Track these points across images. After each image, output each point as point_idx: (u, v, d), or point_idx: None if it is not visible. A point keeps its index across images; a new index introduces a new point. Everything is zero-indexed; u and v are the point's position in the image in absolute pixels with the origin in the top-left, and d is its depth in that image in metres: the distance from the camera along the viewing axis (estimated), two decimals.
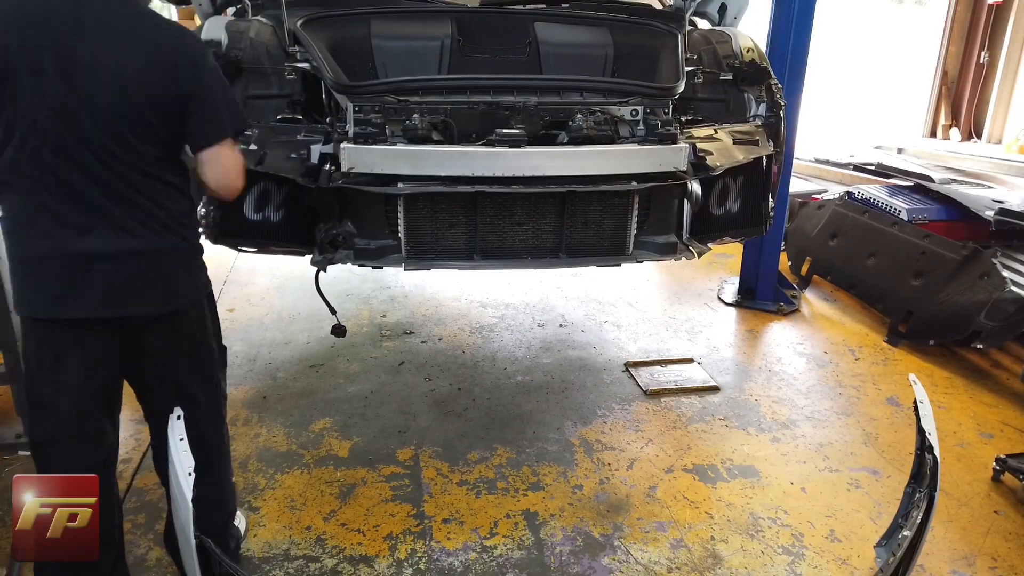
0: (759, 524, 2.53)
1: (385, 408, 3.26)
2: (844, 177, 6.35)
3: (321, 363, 3.68)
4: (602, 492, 2.70)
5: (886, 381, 3.62)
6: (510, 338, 4.04)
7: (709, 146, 2.72)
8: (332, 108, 2.72)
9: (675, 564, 2.33)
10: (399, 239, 2.68)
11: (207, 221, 2.53)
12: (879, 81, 10.37)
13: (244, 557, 2.31)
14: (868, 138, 8.19)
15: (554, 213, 2.72)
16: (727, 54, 3.11)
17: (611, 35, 3.21)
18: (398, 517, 2.53)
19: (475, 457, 2.89)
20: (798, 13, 4.08)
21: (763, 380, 3.61)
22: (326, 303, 2.93)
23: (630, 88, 2.76)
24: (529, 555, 2.36)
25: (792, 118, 3.98)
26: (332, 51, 2.74)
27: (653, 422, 3.19)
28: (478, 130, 2.56)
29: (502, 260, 2.81)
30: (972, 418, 3.28)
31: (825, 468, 2.88)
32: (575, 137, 2.57)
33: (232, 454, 2.86)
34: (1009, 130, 8.66)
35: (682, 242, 2.90)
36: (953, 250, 4.00)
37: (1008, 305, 3.48)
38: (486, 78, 2.78)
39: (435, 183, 2.50)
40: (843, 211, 4.95)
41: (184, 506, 1.54)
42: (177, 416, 1.67)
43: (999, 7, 8.69)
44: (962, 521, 2.57)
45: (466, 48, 3.08)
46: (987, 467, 2.83)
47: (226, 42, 2.61)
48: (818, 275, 4.96)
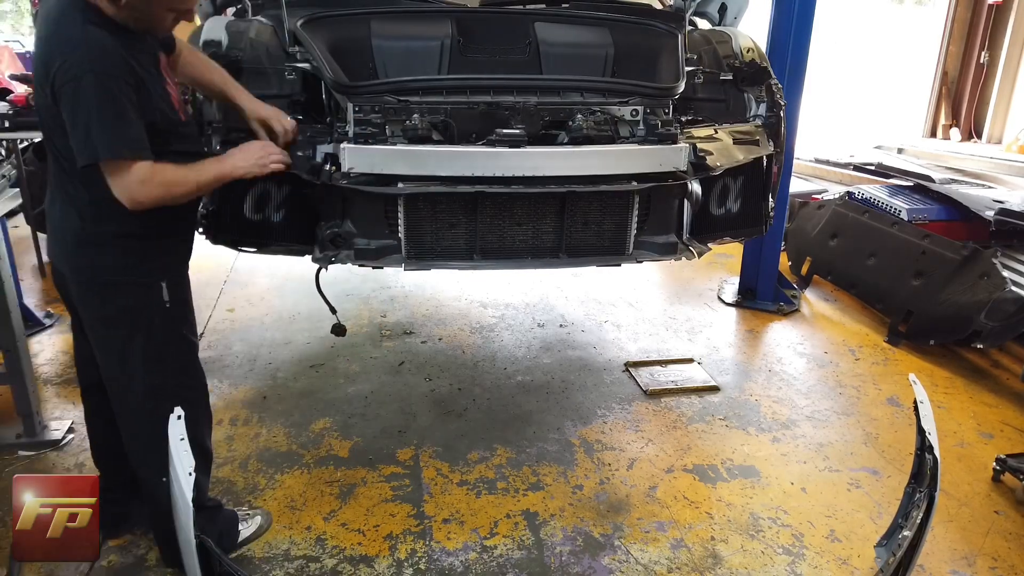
0: (759, 524, 2.53)
1: (385, 408, 3.26)
2: (844, 177, 6.35)
3: (321, 363, 3.68)
4: (602, 492, 2.70)
5: (886, 381, 3.62)
6: (510, 338, 4.04)
7: (709, 146, 2.71)
8: (332, 108, 2.72)
9: (675, 564, 2.33)
10: (399, 239, 2.68)
11: (207, 221, 2.53)
12: (879, 81, 10.38)
13: (244, 557, 2.32)
14: (868, 138, 8.19)
15: (554, 213, 2.72)
16: (727, 54, 3.11)
17: (611, 35, 3.21)
18: (398, 517, 2.53)
19: (475, 457, 2.89)
20: (798, 13, 4.08)
21: (763, 380, 3.61)
22: (326, 302, 2.93)
23: (630, 88, 2.76)
24: (529, 555, 2.36)
25: (792, 118, 3.98)
26: (332, 51, 2.74)
27: (653, 422, 3.19)
28: (478, 130, 2.56)
29: (502, 260, 2.80)
30: (972, 418, 3.28)
31: (825, 468, 2.88)
32: (575, 137, 2.57)
33: (232, 454, 2.88)
34: (1009, 130, 8.67)
35: (682, 242, 2.90)
36: (953, 250, 4.00)
37: (1008, 305, 3.48)
38: (486, 78, 2.78)
39: (435, 183, 2.50)
40: (843, 211, 4.95)
41: (184, 506, 1.54)
42: (178, 416, 1.67)
43: (999, 7, 8.70)
44: (962, 521, 2.57)
45: (466, 48, 3.07)
46: (987, 467, 2.83)
47: (226, 42, 2.61)
48: (818, 275, 4.96)
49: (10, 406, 2.92)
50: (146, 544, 2.35)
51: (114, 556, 2.30)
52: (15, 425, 2.92)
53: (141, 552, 2.32)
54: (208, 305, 4.40)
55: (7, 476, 2.62)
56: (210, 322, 4.17)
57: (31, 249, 4.87)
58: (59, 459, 2.83)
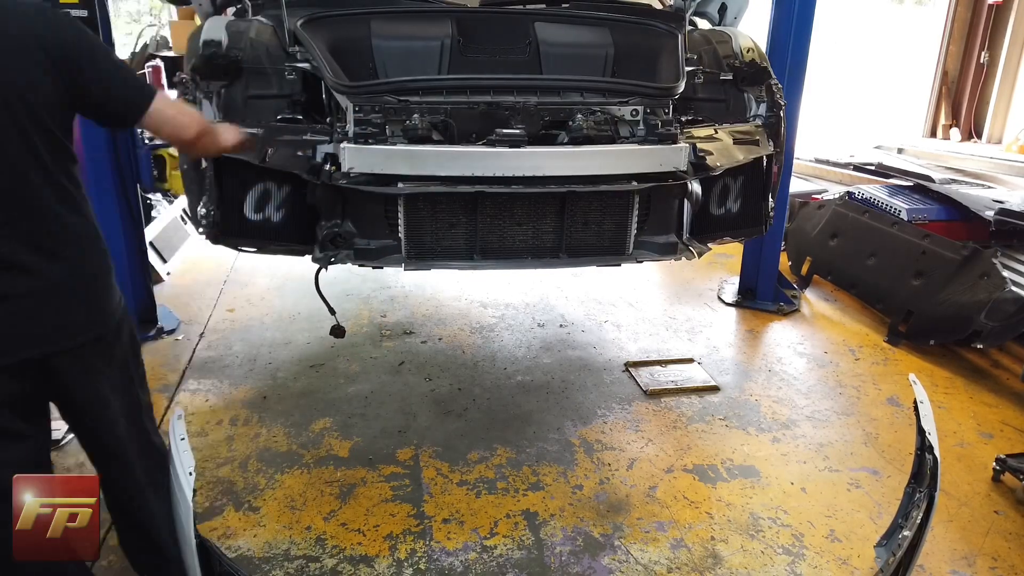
0: (759, 524, 2.53)
1: (385, 408, 3.26)
2: (844, 177, 6.34)
3: (321, 363, 3.68)
4: (602, 492, 2.70)
5: (886, 381, 3.62)
6: (510, 338, 4.04)
7: (709, 146, 2.71)
8: (332, 108, 2.72)
9: (675, 564, 2.33)
10: (399, 239, 2.68)
11: (207, 221, 2.53)
12: (879, 81, 10.38)
13: (244, 557, 2.32)
14: (868, 138, 8.19)
15: (554, 213, 2.72)
16: (727, 54, 3.11)
17: (611, 35, 3.21)
18: (398, 517, 2.53)
19: (475, 457, 2.89)
20: (798, 13, 4.08)
21: (763, 380, 3.61)
22: (325, 303, 2.93)
23: (630, 88, 2.76)
24: (529, 555, 2.36)
25: (792, 118, 3.98)
26: (332, 51, 2.74)
27: (653, 422, 3.19)
28: (478, 130, 2.56)
29: (502, 260, 2.81)
30: (972, 418, 3.28)
31: (825, 468, 2.88)
32: (575, 137, 2.57)
33: (232, 454, 2.88)
34: (1009, 130, 8.66)
35: (682, 242, 2.90)
36: (953, 250, 4.00)
37: (1008, 305, 3.48)
38: (486, 78, 2.78)
39: (435, 183, 2.50)
40: (843, 211, 4.95)
41: (184, 506, 1.54)
42: (178, 416, 1.67)
43: (999, 7, 8.69)
44: (962, 521, 2.57)
45: (466, 48, 3.07)
46: (987, 467, 2.83)
47: (226, 42, 2.61)
48: (818, 275, 4.96)
49: None
50: None
51: (114, 556, 2.30)
52: None
53: None
54: (208, 305, 4.40)
55: None
56: (210, 322, 4.17)
57: None
58: (59, 459, 2.82)
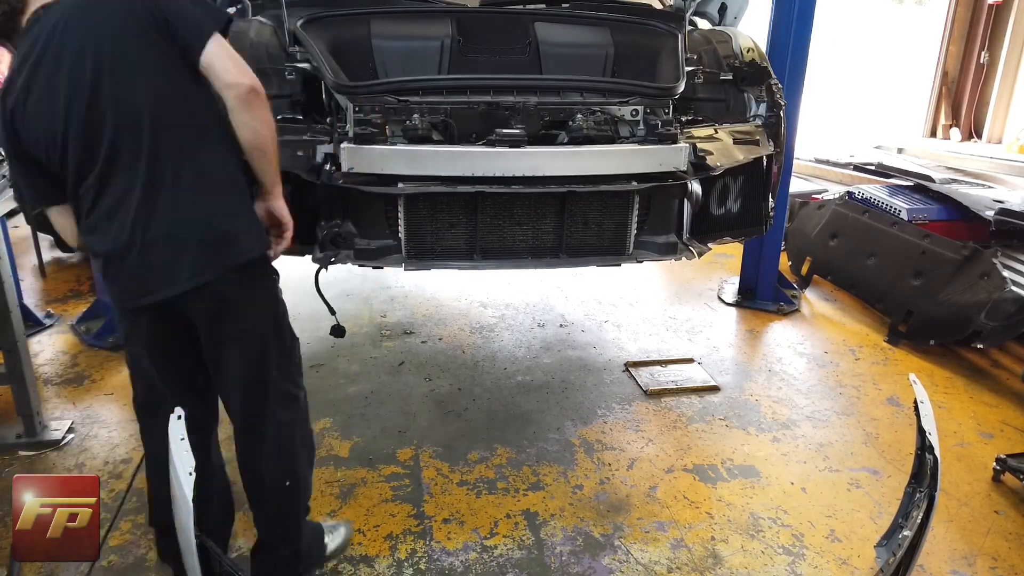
0: (759, 524, 2.53)
1: (385, 408, 3.26)
2: (844, 177, 6.35)
3: (321, 363, 3.68)
4: (602, 492, 2.70)
5: (886, 381, 3.62)
6: (510, 338, 4.04)
7: (709, 146, 2.71)
8: (332, 108, 2.72)
9: (675, 564, 2.33)
10: (399, 239, 2.68)
11: None
12: (879, 81, 10.37)
13: (244, 557, 2.31)
14: (868, 138, 8.20)
15: (554, 213, 2.72)
16: (727, 54, 3.11)
17: (611, 35, 3.21)
18: (398, 517, 2.53)
19: (475, 457, 2.89)
20: (798, 13, 4.08)
21: (763, 380, 3.61)
22: (325, 303, 2.93)
23: (630, 88, 2.76)
24: (529, 555, 2.36)
25: (792, 118, 3.98)
26: (332, 51, 2.74)
27: (653, 422, 3.19)
28: (478, 130, 2.56)
29: (502, 260, 2.81)
30: (972, 418, 3.28)
31: (825, 468, 2.88)
32: (575, 137, 2.57)
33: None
34: (1009, 130, 8.67)
35: (682, 242, 2.90)
36: (953, 250, 3.99)
37: (1008, 305, 3.48)
38: (486, 78, 2.78)
39: (435, 183, 2.50)
40: (843, 211, 4.95)
41: (184, 506, 1.54)
42: (178, 416, 1.67)
43: (999, 7, 8.70)
44: (962, 521, 2.57)
45: (466, 48, 3.07)
46: (987, 467, 2.83)
47: None
48: (818, 275, 4.96)
49: (10, 406, 2.92)
50: (146, 544, 2.35)
51: (114, 556, 2.30)
52: (15, 425, 2.93)
53: (141, 552, 2.32)
54: None
55: (7, 476, 2.62)
56: None
57: (31, 249, 4.87)
58: (59, 459, 2.83)
